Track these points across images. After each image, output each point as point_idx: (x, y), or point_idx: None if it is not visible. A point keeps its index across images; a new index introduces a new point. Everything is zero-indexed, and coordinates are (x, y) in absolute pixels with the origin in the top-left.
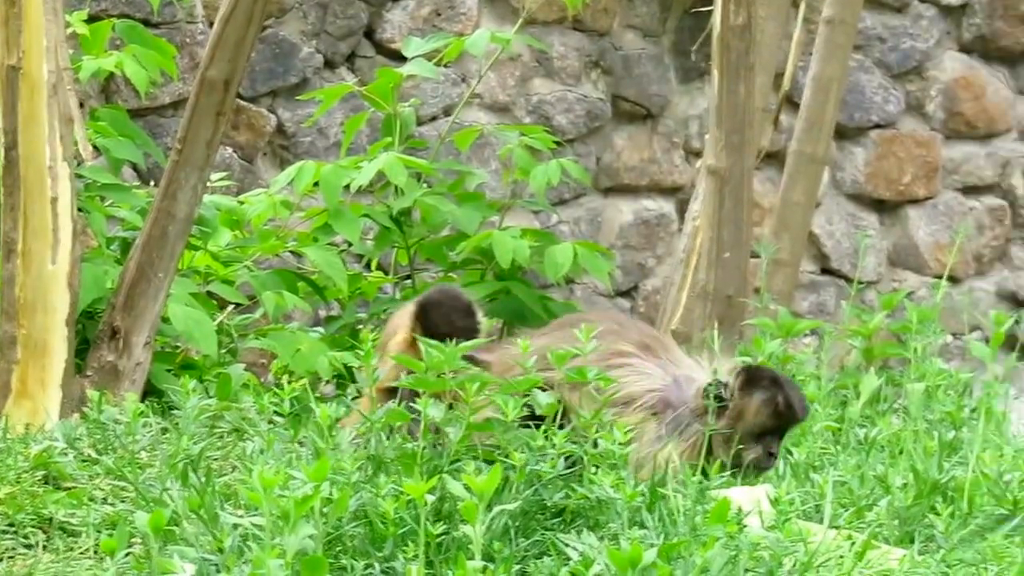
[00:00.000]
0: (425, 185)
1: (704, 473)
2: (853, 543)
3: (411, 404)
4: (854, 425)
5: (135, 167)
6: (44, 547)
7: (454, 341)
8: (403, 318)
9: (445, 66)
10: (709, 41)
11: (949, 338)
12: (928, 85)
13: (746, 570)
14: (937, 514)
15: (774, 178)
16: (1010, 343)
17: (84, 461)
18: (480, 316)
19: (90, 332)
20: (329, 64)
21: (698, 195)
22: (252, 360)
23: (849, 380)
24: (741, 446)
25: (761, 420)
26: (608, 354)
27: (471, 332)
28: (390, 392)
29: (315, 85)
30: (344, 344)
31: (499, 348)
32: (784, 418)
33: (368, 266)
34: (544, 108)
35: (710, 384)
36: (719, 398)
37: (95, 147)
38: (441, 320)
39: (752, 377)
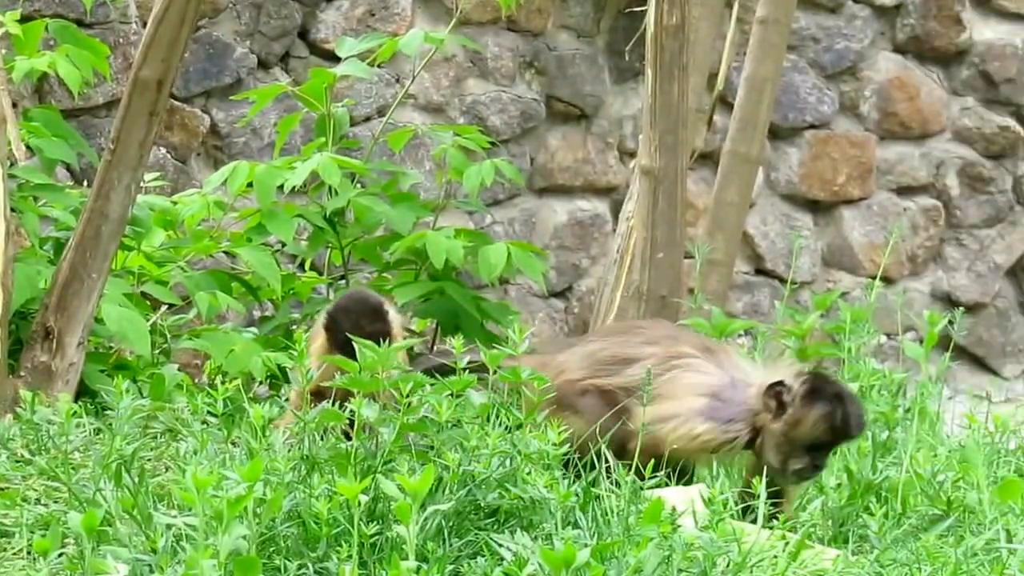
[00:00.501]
0: (359, 185)
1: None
2: (787, 543)
3: (344, 404)
4: None
5: (68, 167)
6: None
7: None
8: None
9: (379, 66)
10: (643, 41)
11: (883, 338)
12: (862, 85)
13: (680, 570)
14: (871, 514)
15: (708, 178)
16: (944, 343)
17: (17, 462)
18: (391, 317)
19: (23, 332)
20: (263, 64)
21: (632, 195)
22: (186, 361)
23: None
24: (790, 453)
25: (816, 433)
26: (669, 355)
27: (381, 335)
28: (320, 393)
29: (249, 85)
30: (278, 345)
31: (564, 350)
32: (839, 435)
33: (302, 266)
34: (478, 108)
35: (774, 384)
36: (780, 401)
37: (28, 147)
38: (350, 326)
39: (816, 388)
